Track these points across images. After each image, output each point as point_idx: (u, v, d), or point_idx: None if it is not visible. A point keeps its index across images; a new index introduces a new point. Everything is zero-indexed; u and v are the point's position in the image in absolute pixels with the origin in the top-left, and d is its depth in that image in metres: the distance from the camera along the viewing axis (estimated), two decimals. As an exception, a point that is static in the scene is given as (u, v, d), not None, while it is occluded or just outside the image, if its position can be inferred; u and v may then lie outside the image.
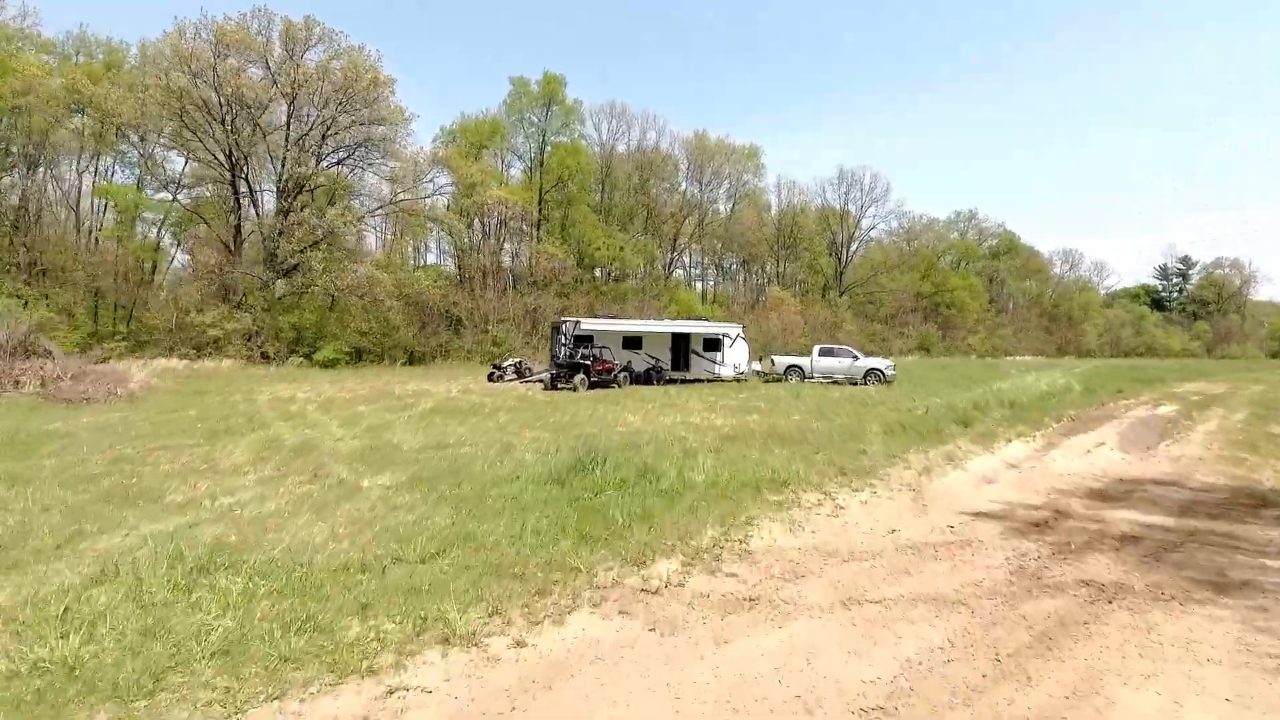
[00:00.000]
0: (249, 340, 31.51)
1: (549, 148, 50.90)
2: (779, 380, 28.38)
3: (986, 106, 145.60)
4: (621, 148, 58.25)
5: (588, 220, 49.54)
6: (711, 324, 30.33)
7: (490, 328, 40.70)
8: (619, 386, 24.66)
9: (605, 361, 24.76)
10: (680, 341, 28.01)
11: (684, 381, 27.42)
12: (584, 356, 23.87)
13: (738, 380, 28.29)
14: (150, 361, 27.57)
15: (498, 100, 52.43)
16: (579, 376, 22.91)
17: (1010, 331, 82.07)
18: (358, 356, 33.95)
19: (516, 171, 53.92)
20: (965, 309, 78.51)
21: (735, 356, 28.34)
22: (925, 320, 74.59)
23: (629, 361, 26.41)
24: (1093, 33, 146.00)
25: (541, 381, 24.07)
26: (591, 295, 49.38)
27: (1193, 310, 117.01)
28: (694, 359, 27.99)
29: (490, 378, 26.21)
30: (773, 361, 29.04)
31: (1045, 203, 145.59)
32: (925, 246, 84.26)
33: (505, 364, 26.86)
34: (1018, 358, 73.50)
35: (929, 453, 11.40)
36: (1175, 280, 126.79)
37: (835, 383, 27.70)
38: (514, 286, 47.65)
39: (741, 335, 28.22)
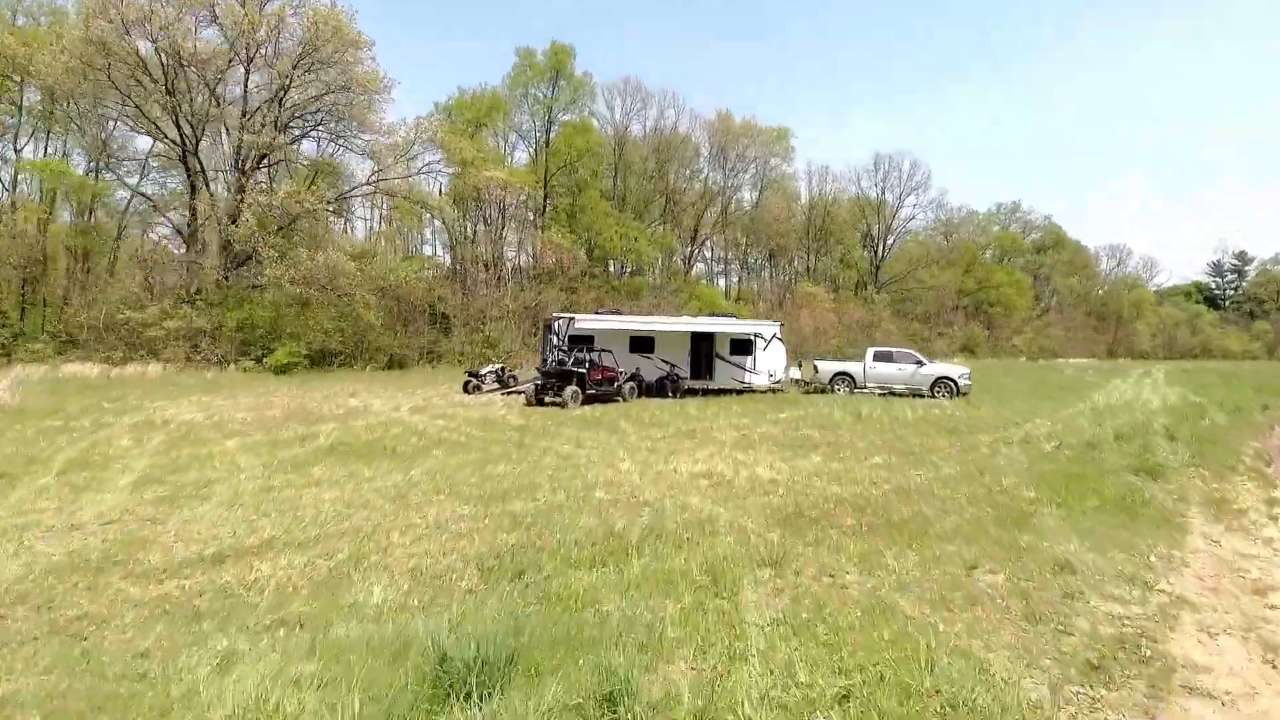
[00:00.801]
0: (189, 341, 26.66)
1: (555, 126, 45.72)
2: (824, 391, 22.88)
3: (1022, 96, 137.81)
4: (637, 129, 52.96)
5: (598, 207, 44.25)
6: (740, 322, 24.82)
7: (485, 326, 35.59)
8: (623, 400, 19.34)
9: (607, 368, 19.45)
10: (702, 343, 22.61)
11: (706, 392, 22.01)
12: (578, 362, 18.59)
13: (773, 391, 22.83)
14: (59, 367, 22.79)
15: (500, 79, 47.37)
16: (570, 389, 17.60)
17: (1061, 331, 75.38)
18: (324, 360, 28.98)
19: (522, 155, 48.82)
20: (1012, 307, 72.09)
21: (770, 362, 22.86)
22: (968, 319, 68.39)
23: (637, 369, 21.06)
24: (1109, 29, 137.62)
25: (524, 393, 18.77)
26: (603, 291, 44.12)
27: (1249, 309, 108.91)
28: (719, 365, 22.57)
29: (465, 388, 21.04)
30: (815, 368, 23.52)
31: (1090, 196, 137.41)
32: (964, 240, 77.83)
33: (484, 371, 21.65)
34: (1070, 360, 66.93)
35: (1186, 562, 5.90)
36: (1230, 277, 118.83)
37: (893, 394, 22.15)
38: (514, 281, 42.56)
39: (778, 336, 22.75)
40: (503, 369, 22.07)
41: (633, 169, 51.41)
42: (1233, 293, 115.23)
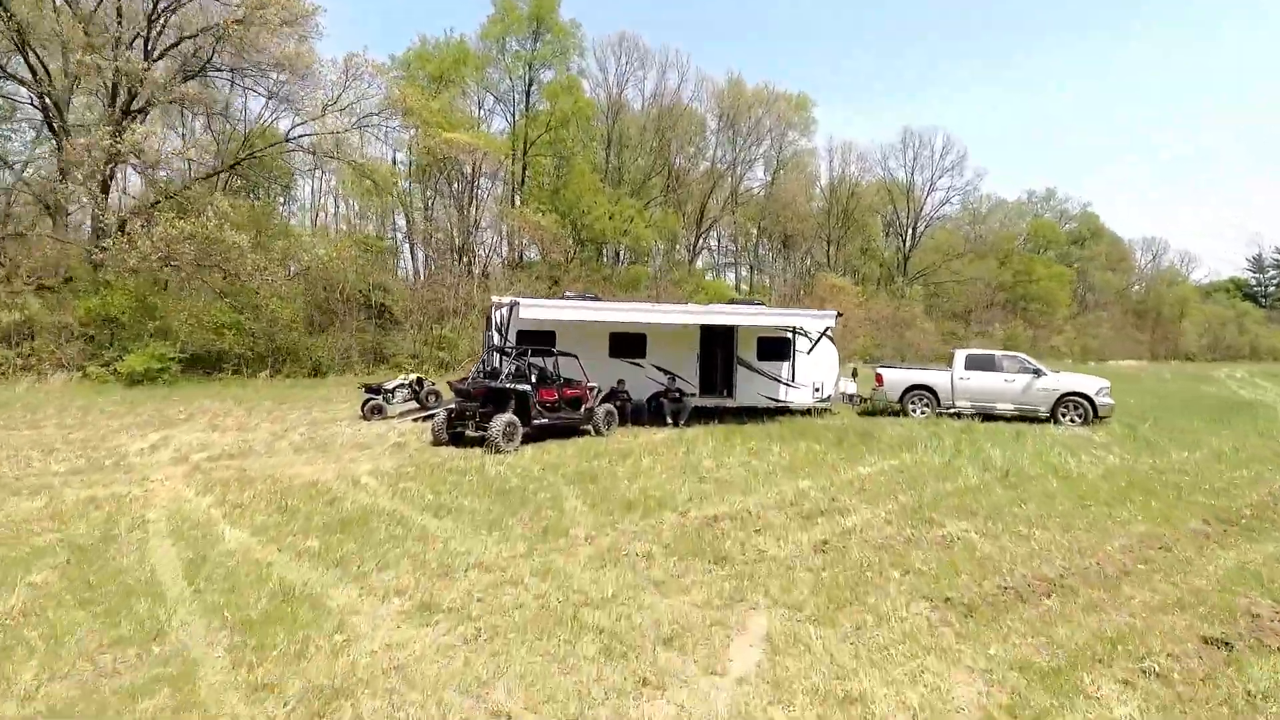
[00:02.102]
0: (27, 340, 19.69)
1: (537, 87, 38.56)
2: (895, 412, 15.76)
3: (1011, 80, 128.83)
4: (634, 94, 45.72)
5: (585, 181, 37.05)
6: (774, 312, 17.39)
7: (441, 323, 28.54)
8: (595, 433, 12.24)
9: (570, 383, 12.32)
10: (717, 343, 15.48)
11: (724, 415, 14.87)
12: (519, 374, 11.48)
13: (818, 411, 15.73)
14: None
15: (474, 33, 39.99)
16: (502, 419, 10.41)
17: (1108, 330, 68.00)
18: (215, 364, 21.93)
19: (499, 123, 41.58)
20: (1054, 303, 64.64)
21: (814, 370, 15.70)
22: (1007, 317, 60.93)
23: (620, 382, 13.96)
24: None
25: (436, 420, 11.52)
26: (593, 281, 36.92)
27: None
28: (742, 375, 15.39)
29: (364, 410, 13.92)
30: (880, 379, 16.33)
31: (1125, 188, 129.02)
32: (994, 230, 70.54)
33: (392, 385, 14.49)
34: (1119, 362, 59.53)
35: None
36: (1271, 273, 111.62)
37: (996, 418, 15.07)
38: (485, 272, 35.46)
39: (830, 332, 15.56)
40: (420, 381, 14.90)
41: (629, 143, 44.23)
42: (1274, 289, 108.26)
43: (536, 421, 11.22)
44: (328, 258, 22.97)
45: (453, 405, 11.22)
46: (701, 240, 50.66)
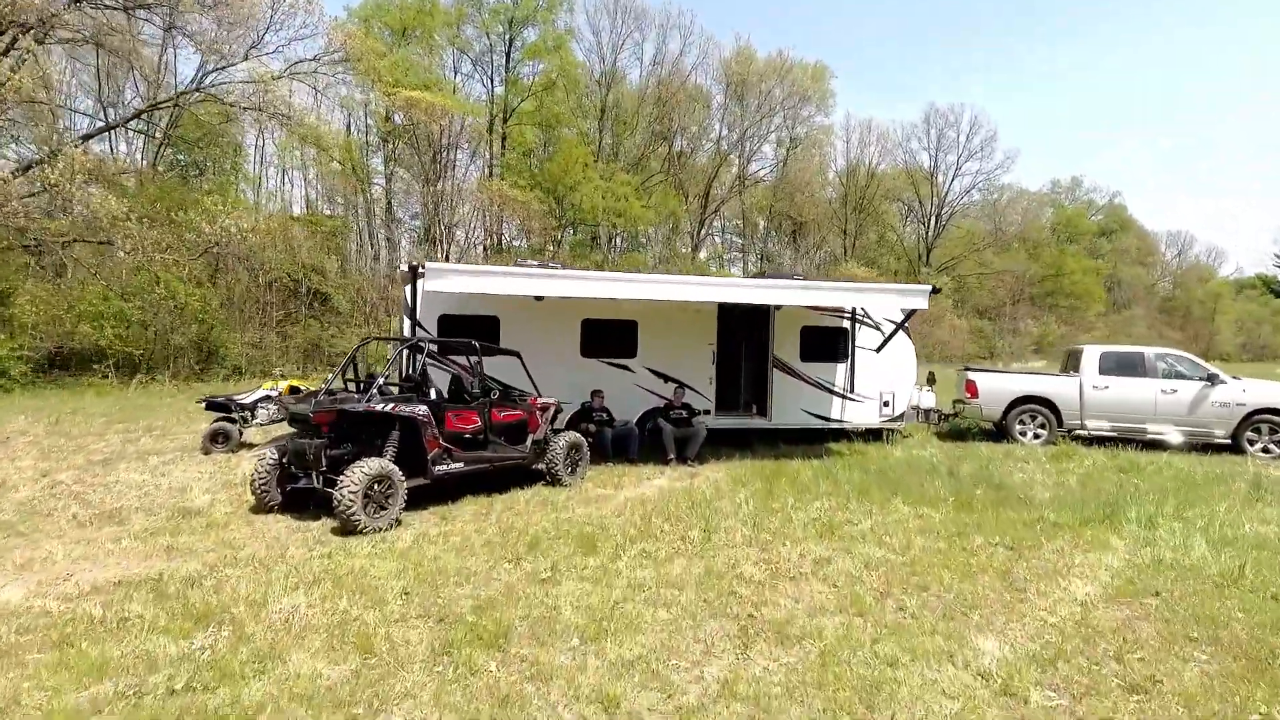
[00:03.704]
0: None
1: (518, 48, 33.67)
2: (994, 435, 10.93)
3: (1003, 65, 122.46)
4: (632, 61, 40.83)
5: (574, 153, 32.12)
6: (826, 286, 10.74)
7: (388, 314, 23.76)
8: (554, 481, 7.38)
9: (509, 402, 7.46)
10: (741, 335, 10.64)
11: (755, 443, 10.04)
12: (410, 388, 6.70)
13: (888, 434, 10.91)
14: None
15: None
16: (364, 471, 5.55)
17: (1144, 329, 63.06)
18: (85, 364, 17.11)
19: (478, 89, 36.59)
20: (1086, 298, 59.71)
21: (883, 376, 10.82)
22: (1039, 314, 55.92)
23: (595, 395, 9.10)
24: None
25: (254, 477, 6.52)
26: (583, 268, 32.14)
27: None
28: (779, 382, 10.43)
29: (213, 439, 8.98)
30: (973, 389, 11.43)
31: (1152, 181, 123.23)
32: (1015, 222, 65.50)
33: (250, 399, 9.58)
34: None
35: None
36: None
37: (1151, 446, 10.28)
38: (461, 256, 30.63)
39: (906, 325, 10.64)
40: (296, 392, 9.95)
41: (624, 118, 39.17)
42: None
43: (440, 469, 6.33)
44: (239, 233, 18.04)
45: (285, 441, 6.37)
46: (705, 228, 45.73)
